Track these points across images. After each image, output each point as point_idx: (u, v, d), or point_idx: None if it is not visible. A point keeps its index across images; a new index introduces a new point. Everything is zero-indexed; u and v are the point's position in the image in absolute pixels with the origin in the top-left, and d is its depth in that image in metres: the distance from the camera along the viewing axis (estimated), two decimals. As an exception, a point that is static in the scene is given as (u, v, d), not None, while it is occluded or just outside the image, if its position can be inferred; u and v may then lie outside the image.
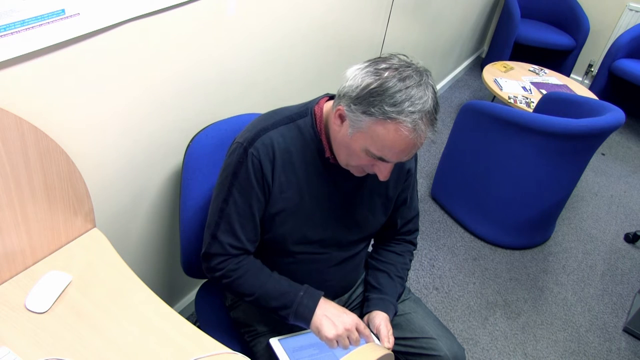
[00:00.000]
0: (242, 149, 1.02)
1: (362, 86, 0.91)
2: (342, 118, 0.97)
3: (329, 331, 1.02)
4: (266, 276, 1.08)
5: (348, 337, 1.03)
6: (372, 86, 0.90)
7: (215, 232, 1.06)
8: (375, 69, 0.92)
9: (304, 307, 1.05)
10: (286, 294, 1.06)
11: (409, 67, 0.91)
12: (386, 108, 0.88)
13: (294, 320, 1.06)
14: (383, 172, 0.99)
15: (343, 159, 1.02)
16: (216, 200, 1.06)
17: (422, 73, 0.92)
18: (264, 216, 1.07)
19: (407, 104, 0.88)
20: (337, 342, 1.03)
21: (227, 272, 1.07)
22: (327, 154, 1.05)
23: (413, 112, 0.88)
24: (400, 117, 0.88)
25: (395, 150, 0.92)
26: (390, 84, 0.89)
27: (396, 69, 0.90)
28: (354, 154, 0.97)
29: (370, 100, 0.90)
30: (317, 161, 1.06)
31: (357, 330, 1.04)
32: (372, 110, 0.89)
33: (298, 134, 1.05)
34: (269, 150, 1.02)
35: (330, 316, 1.04)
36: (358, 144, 0.95)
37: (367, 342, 1.05)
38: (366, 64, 0.94)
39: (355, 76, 0.93)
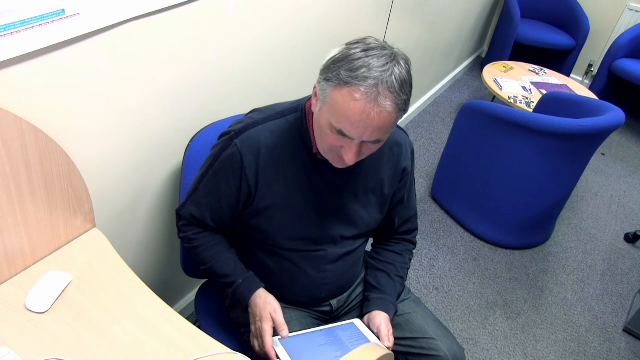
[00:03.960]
0: (229, 137, 1.05)
1: (328, 58, 0.93)
2: (316, 96, 0.97)
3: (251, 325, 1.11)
4: (217, 253, 1.14)
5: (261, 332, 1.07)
6: (337, 56, 0.91)
7: (188, 198, 1.13)
8: (348, 44, 0.93)
9: (240, 294, 1.12)
10: (228, 276, 1.12)
11: (384, 48, 0.90)
12: (342, 72, 0.87)
13: (233, 302, 1.14)
14: (348, 154, 0.94)
15: (319, 144, 1.01)
16: (199, 171, 1.12)
17: (393, 53, 0.90)
18: (248, 210, 1.09)
19: (363, 70, 0.86)
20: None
21: (186, 238, 1.16)
22: (315, 149, 1.05)
23: (368, 78, 0.85)
24: (354, 81, 0.86)
25: (352, 120, 0.88)
26: (351, 52, 0.89)
27: (367, 44, 0.91)
28: (323, 133, 0.96)
29: (331, 67, 0.90)
30: (306, 157, 1.07)
31: (274, 318, 1.07)
32: (330, 75, 0.90)
33: (288, 129, 1.06)
34: (254, 144, 1.03)
35: (253, 310, 1.11)
36: (324, 119, 0.93)
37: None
38: (344, 44, 0.95)
39: (329, 53, 0.95)
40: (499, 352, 1.91)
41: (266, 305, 1.08)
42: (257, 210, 1.08)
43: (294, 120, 1.06)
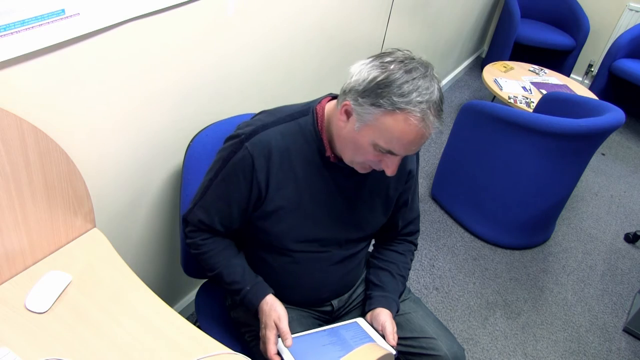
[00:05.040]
0: (239, 141, 1.03)
1: (368, 79, 0.92)
2: (348, 113, 0.97)
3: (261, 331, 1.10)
4: (225, 259, 1.13)
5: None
6: (379, 78, 0.91)
7: (196, 203, 1.12)
8: (381, 62, 0.93)
9: (248, 301, 1.11)
10: (237, 283, 1.11)
11: (413, 59, 0.93)
12: (395, 99, 0.89)
13: (239, 305, 1.15)
14: (390, 167, 0.99)
15: (348, 155, 1.02)
16: (206, 176, 1.11)
17: (426, 65, 0.93)
18: (256, 212, 1.08)
19: (415, 94, 0.89)
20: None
21: (193, 244, 1.14)
22: (328, 153, 1.05)
23: (421, 102, 0.89)
24: (409, 107, 0.89)
25: (404, 142, 0.93)
26: (397, 76, 0.90)
27: (401, 61, 0.92)
28: (361, 149, 0.97)
29: (378, 92, 0.90)
30: (317, 160, 1.06)
31: (278, 326, 1.06)
32: (381, 101, 0.90)
33: (298, 132, 1.05)
34: (265, 147, 1.02)
35: (260, 317, 1.10)
36: (366, 139, 0.95)
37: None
38: (371, 59, 0.95)
39: (361, 71, 0.94)
40: (499, 352, 1.91)
41: (271, 312, 1.07)
42: (265, 213, 1.08)
43: (305, 123, 1.05)
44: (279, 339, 1.07)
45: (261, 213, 1.08)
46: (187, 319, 1.02)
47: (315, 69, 1.84)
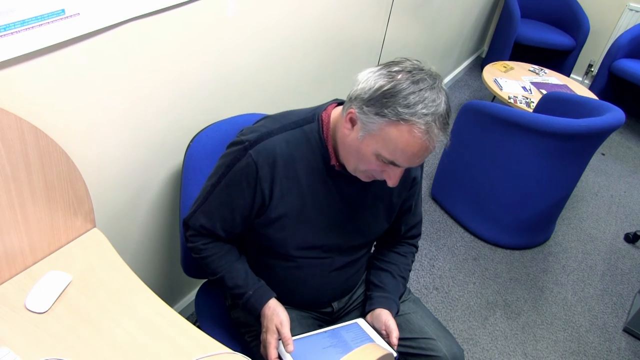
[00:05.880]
0: (243, 148, 1.02)
1: (374, 88, 0.91)
2: (352, 121, 0.96)
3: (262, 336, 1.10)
4: (227, 263, 1.13)
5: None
6: (385, 88, 0.89)
7: (198, 208, 1.11)
8: (389, 71, 0.91)
9: (250, 305, 1.10)
10: (239, 287, 1.11)
11: (422, 70, 0.91)
12: (399, 109, 0.87)
13: (242, 307, 1.14)
14: (392, 178, 0.98)
15: (352, 164, 1.00)
16: (208, 181, 1.10)
17: (434, 77, 0.91)
18: (260, 219, 1.08)
19: (420, 106, 0.87)
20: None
21: (195, 248, 1.13)
22: (333, 162, 1.04)
23: (426, 115, 0.87)
24: (413, 118, 0.87)
25: (408, 154, 0.91)
26: (403, 86, 0.88)
27: (409, 71, 0.90)
28: (364, 158, 0.96)
29: (383, 101, 0.89)
30: (321, 168, 1.05)
31: (280, 331, 1.05)
32: (385, 111, 0.89)
33: (303, 139, 1.04)
34: (270, 155, 1.01)
35: (262, 321, 1.10)
36: (369, 148, 0.94)
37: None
38: (379, 67, 0.94)
39: (368, 79, 0.93)
40: (499, 352, 1.91)
41: (273, 317, 1.07)
42: (269, 220, 1.07)
43: (310, 130, 1.04)
44: (280, 343, 1.07)
45: (264, 220, 1.07)
46: (187, 319, 1.02)
47: (315, 68, 1.84)
